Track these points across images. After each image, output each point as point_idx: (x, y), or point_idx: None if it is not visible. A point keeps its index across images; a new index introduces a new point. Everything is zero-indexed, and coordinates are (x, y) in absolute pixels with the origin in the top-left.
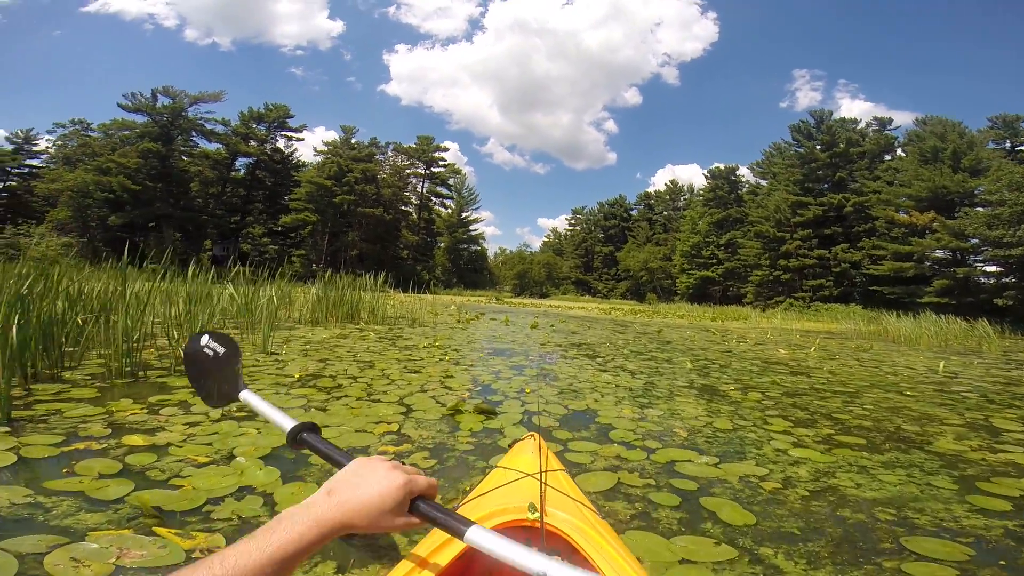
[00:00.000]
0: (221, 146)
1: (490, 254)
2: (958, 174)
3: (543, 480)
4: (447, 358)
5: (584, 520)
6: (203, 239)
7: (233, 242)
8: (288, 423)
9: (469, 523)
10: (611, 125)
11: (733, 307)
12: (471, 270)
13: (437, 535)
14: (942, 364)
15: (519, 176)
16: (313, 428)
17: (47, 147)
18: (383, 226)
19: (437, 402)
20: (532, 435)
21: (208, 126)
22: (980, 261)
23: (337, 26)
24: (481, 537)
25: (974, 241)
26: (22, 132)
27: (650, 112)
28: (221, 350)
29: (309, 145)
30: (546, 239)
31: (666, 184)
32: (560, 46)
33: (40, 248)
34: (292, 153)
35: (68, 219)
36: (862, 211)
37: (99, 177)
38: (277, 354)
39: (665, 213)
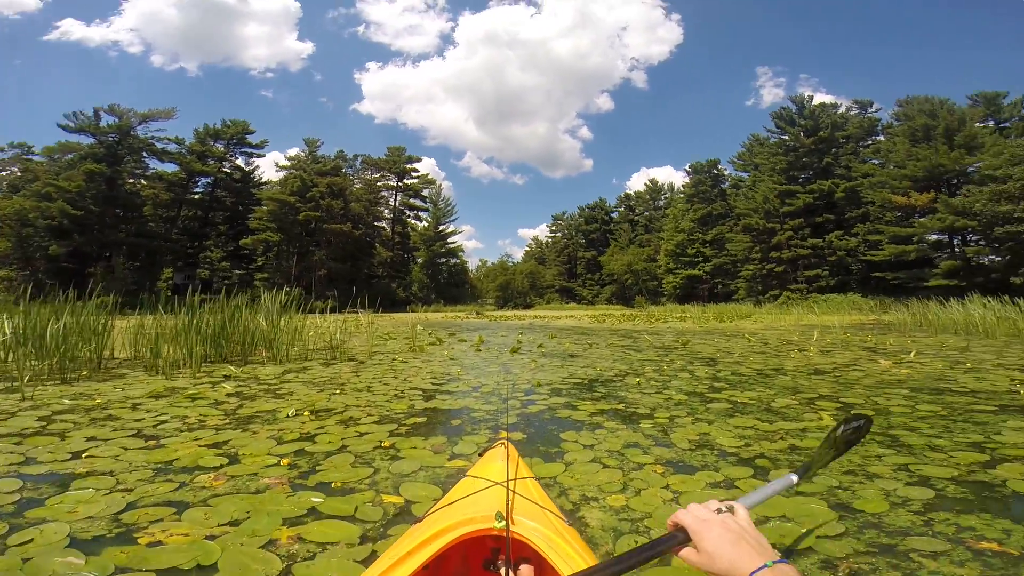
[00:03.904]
0: (176, 166)
1: (472, 267)
2: (954, 151)
3: (511, 488)
4: (285, 462)
5: (552, 528)
6: (160, 267)
7: (194, 268)
8: None
9: None
10: (585, 132)
11: (732, 304)
12: (451, 284)
13: (402, 544)
14: None
15: (498, 188)
16: None
17: None
18: (353, 243)
19: None
20: (502, 442)
21: (160, 145)
22: (976, 240)
23: (307, 47)
24: None
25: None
26: None
27: (622, 117)
28: None
29: (275, 164)
30: (528, 248)
31: (645, 184)
32: (532, 56)
33: None
34: (253, 170)
35: (8, 250)
36: (854, 196)
37: (39, 203)
38: None
39: (646, 213)
